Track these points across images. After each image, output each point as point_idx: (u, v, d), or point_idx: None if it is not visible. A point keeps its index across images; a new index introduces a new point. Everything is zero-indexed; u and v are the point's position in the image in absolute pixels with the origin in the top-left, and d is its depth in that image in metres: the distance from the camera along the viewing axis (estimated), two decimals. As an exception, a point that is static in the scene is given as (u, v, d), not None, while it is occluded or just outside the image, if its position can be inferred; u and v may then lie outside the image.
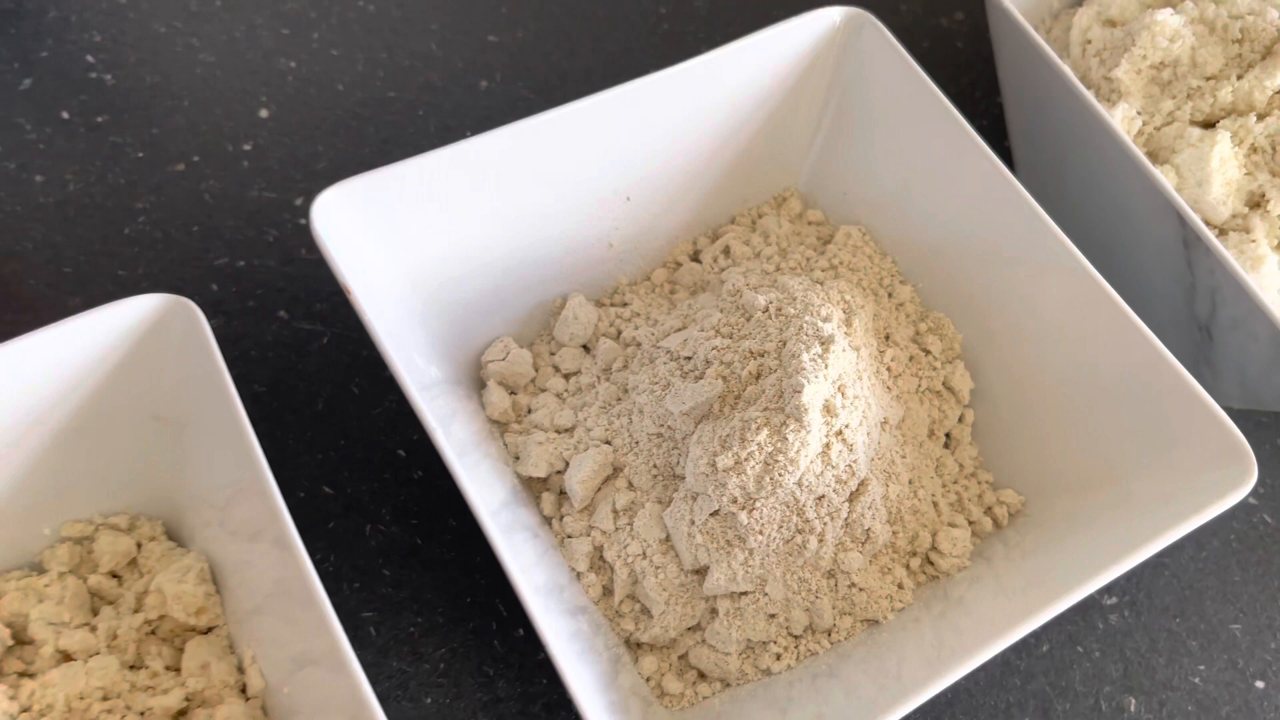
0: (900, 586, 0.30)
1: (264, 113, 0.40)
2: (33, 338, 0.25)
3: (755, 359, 0.29)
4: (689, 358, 0.30)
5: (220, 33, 0.41)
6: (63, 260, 0.36)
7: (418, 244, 0.30)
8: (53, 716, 0.25)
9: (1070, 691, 0.33)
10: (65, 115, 0.38)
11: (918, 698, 0.26)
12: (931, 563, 0.30)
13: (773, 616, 0.29)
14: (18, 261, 0.35)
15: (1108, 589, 0.34)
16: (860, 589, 0.29)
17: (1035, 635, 0.33)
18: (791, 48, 0.33)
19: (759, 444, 0.27)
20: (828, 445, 0.28)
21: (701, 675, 0.29)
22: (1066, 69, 0.33)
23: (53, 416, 0.26)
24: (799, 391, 0.27)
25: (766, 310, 0.30)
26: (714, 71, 0.33)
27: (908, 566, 0.30)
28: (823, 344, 0.28)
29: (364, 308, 0.26)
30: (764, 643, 0.29)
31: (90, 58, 0.40)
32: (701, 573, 0.29)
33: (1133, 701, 0.33)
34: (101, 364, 0.26)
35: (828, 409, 0.28)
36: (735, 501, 0.28)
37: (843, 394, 0.28)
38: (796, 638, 0.29)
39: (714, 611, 0.29)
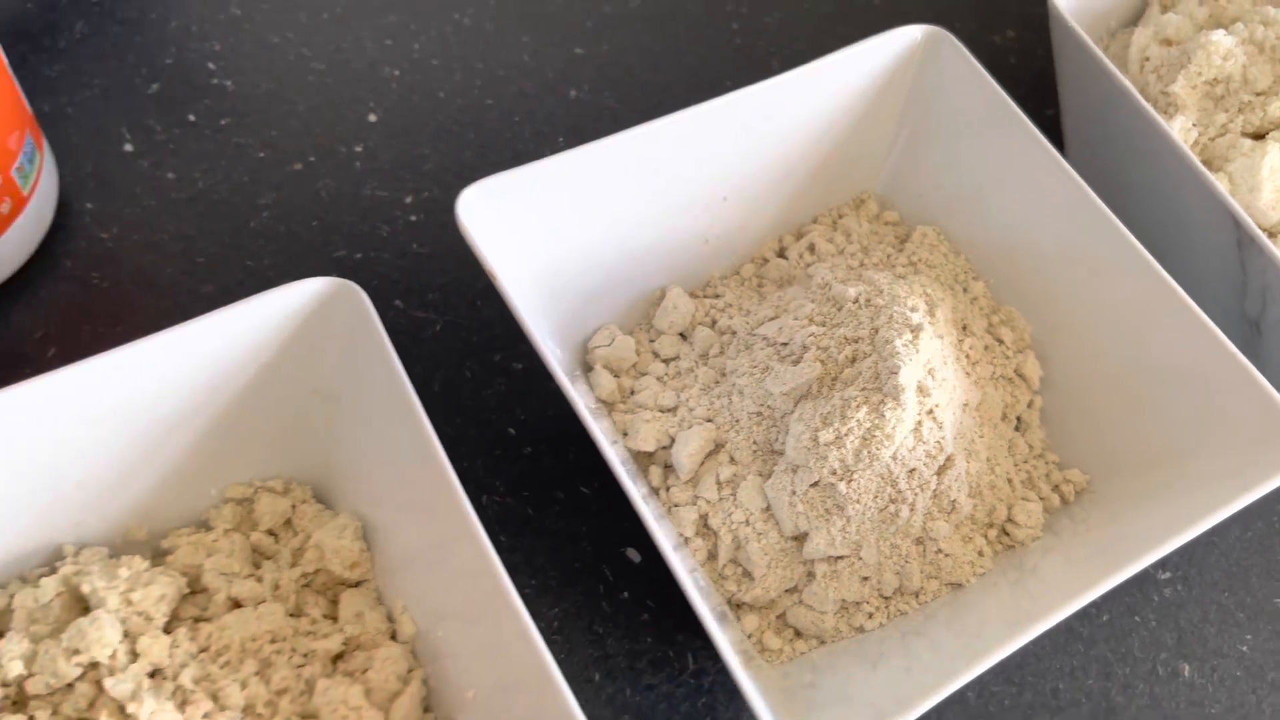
0: (980, 554, 0.32)
1: (372, 117, 0.43)
2: (213, 317, 0.28)
3: (850, 345, 0.32)
4: (785, 344, 0.33)
5: (329, 43, 0.44)
6: (195, 251, 0.39)
7: (543, 238, 0.33)
8: (229, 655, 0.28)
9: (1129, 657, 0.35)
10: (192, 118, 0.41)
11: (998, 654, 0.29)
12: (1007, 533, 0.33)
13: (866, 579, 0.31)
14: (155, 252, 0.38)
15: (1161, 564, 0.37)
16: (946, 555, 0.32)
17: (1095, 605, 0.36)
18: (874, 63, 0.36)
19: (858, 420, 0.30)
20: (919, 423, 0.31)
21: (798, 633, 0.32)
22: (1128, 83, 0.36)
23: (226, 389, 0.29)
24: (895, 373, 0.30)
25: (856, 301, 0.33)
26: (805, 84, 0.35)
27: (986, 537, 0.33)
28: (912, 331, 0.31)
29: (510, 292, 0.29)
30: (857, 603, 0.32)
31: (211, 65, 0.43)
32: (800, 539, 0.32)
33: (1186, 667, 0.36)
34: (271, 341, 0.29)
35: (921, 389, 0.30)
36: (835, 473, 0.30)
37: (932, 376, 0.31)
38: (887, 599, 0.32)
39: (811, 575, 0.32)
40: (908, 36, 0.36)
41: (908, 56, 0.37)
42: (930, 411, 0.31)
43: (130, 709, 0.25)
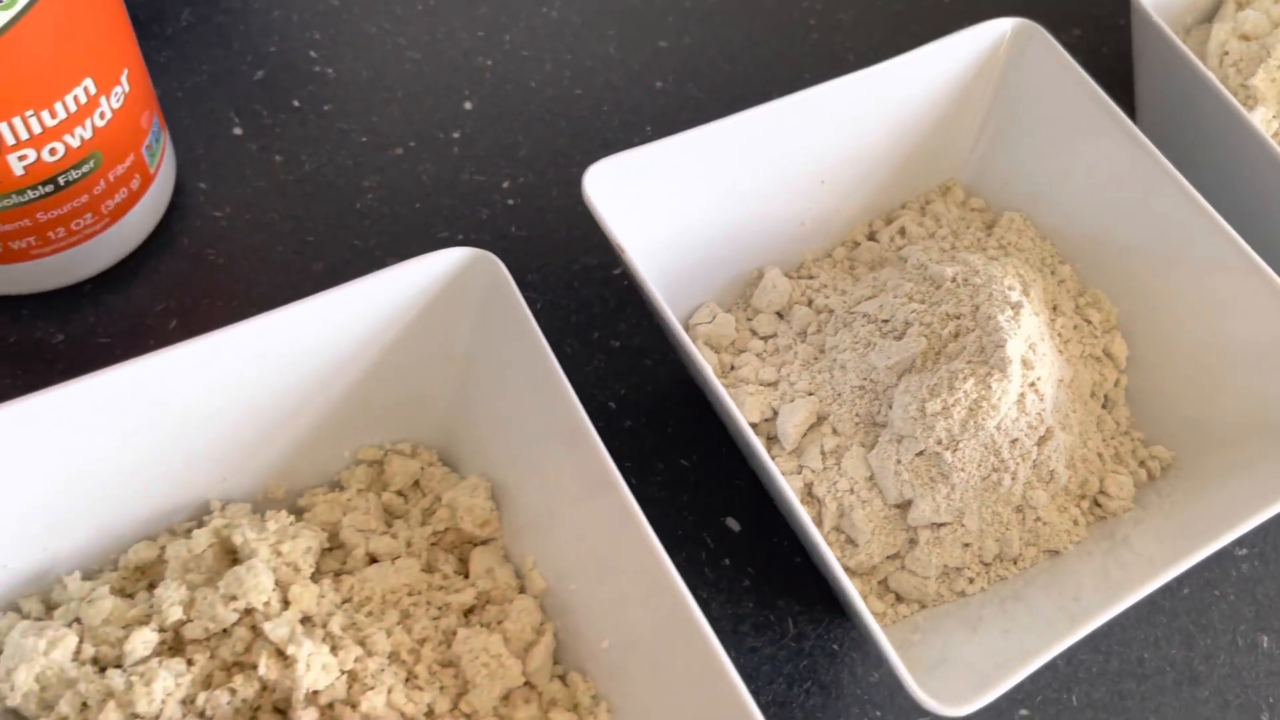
0: (1075, 523, 0.34)
1: (467, 105, 0.44)
2: (356, 285, 0.29)
3: (952, 321, 0.33)
4: (886, 320, 0.34)
5: (424, 33, 0.46)
6: (304, 230, 0.40)
7: (654, 216, 0.34)
8: (371, 606, 0.29)
9: (1210, 629, 0.37)
10: (296, 103, 0.43)
11: (1096, 621, 0.30)
12: (1099, 505, 0.34)
13: (967, 545, 0.33)
14: (266, 231, 0.40)
15: (1239, 541, 0.38)
16: (1044, 523, 0.33)
17: (1177, 580, 0.37)
18: (965, 55, 0.38)
19: (965, 392, 0.31)
20: (1022, 395, 0.32)
21: (899, 598, 0.33)
22: (1211, 75, 0.37)
23: (364, 355, 0.30)
24: (1002, 345, 0.31)
25: (954, 280, 0.34)
26: (900, 73, 0.37)
27: (1079, 507, 0.34)
28: (1013, 308, 0.32)
29: (637, 265, 0.31)
30: (958, 568, 0.33)
31: (312, 53, 0.44)
32: (904, 506, 0.33)
33: (1265, 639, 0.37)
34: (409, 309, 0.30)
35: (1025, 362, 0.32)
36: (941, 442, 0.32)
37: (1033, 350, 0.32)
38: (987, 565, 0.33)
39: (913, 541, 0.33)
40: (997, 30, 0.38)
41: (996, 49, 0.38)
42: (1033, 384, 0.32)
43: (290, 650, 0.26)
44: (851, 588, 0.27)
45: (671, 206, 0.35)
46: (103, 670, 0.27)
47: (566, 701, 0.29)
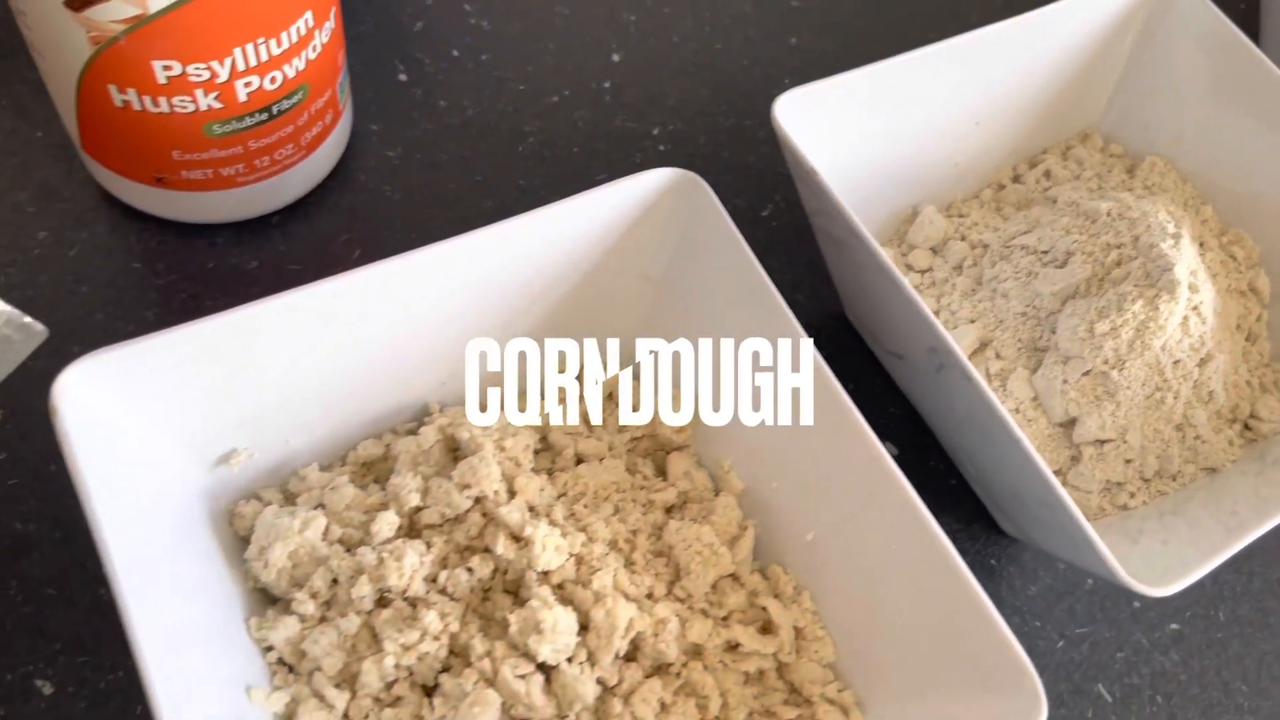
0: (1230, 444, 0.35)
1: (616, 57, 0.46)
2: (566, 204, 0.31)
3: (1114, 249, 0.35)
4: (1046, 251, 0.36)
5: (570, -11, 0.48)
6: (473, 171, 0.42)
7: (823, 150, 0.36)
8: (585, 500, 0.31)
9: (1348, 553, 0.38)
10: (455, 53, 0.45)
11: (1252, 533, 0.32)
12: (1249, 428, 0.36)
13: (1129, 461, 0.34)
14: (437, 170, 0.42)
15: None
16: (1203, 441, 0.35)
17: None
18: (1101, 11, 0.40)
19: (1134, 313, 0.33)
20: (1186, 318, 0.34)
21: (1061, 512, 0.35)
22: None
23: (568, 274, 0.32)
24: (1169, 269, 0.33)
25: (1109, 214, 0.36)
26: (1048, 23, 0.39)
27: (1232, 429, 0.36)
28: (1173, 237, 0.34)
29: (831, 189, 0.33)
30: (1120, 484, 0.35)
31: (467, 6, 0.46)
32: (1068, 425, 0.35)
33: (1400, 565, 0.38)
34: (613, 230, 0.32)
35: (1190, 286, 0.33)
36: (1107, 362, 0.33)
37: (1195, 276, 0.34)
38: (1147, 480, 0.35)
39: (1076, 458, 0.35)
40: (1134, -13, 0.39)
41: (1135, 4, 0.40)
42: (1195, 308, 0.34)
43: (527, 532, 0.28)
44: (1052, 479, 0.29)
45: (840, 141, 0.37)
46: (349, 550, 0.29)
47: (769, 592, 0.31)
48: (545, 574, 0.29)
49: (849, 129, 0.37)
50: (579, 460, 0.32)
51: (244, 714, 0.26)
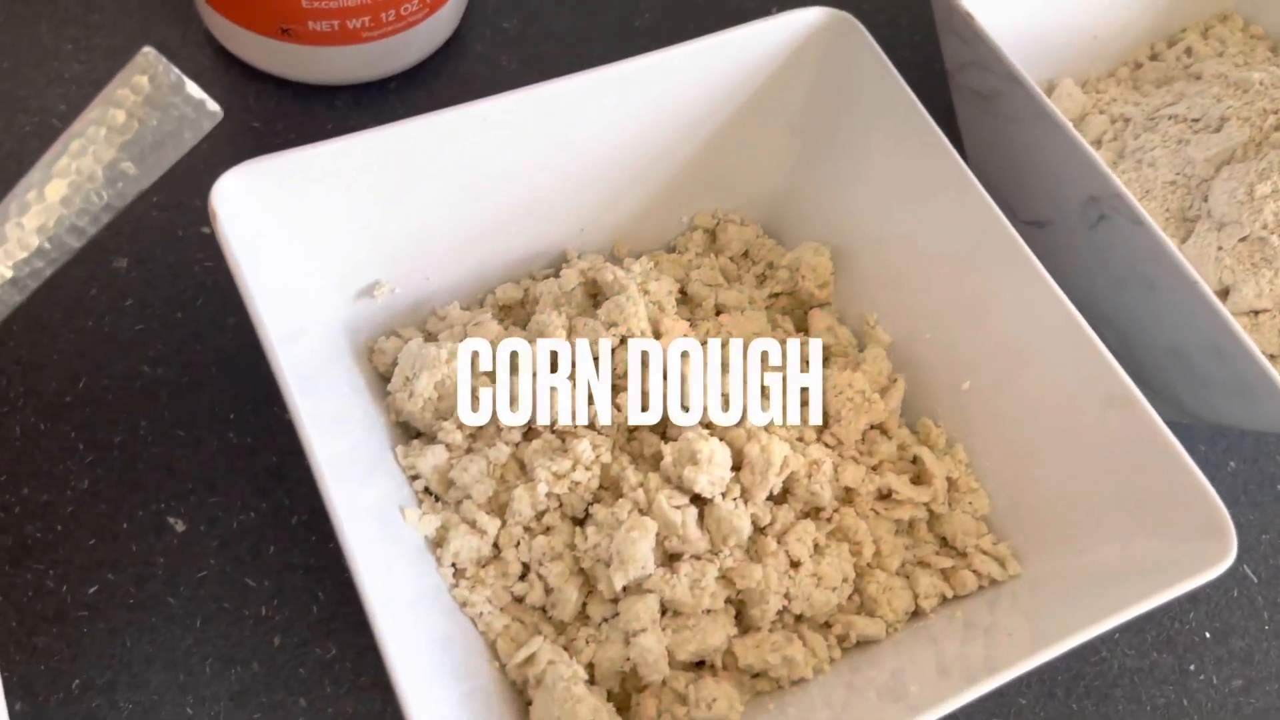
0: (1389, 319, 0.34)
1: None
2: (710, 39, 0.30)
3: (1271, 115, 0.33)
4: (1197, 119, 0.35)
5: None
6: (590, 42, 0.41)
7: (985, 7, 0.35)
8: (731, 345, 0.30)
9: None
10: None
11: None
12: (1407, 306, 0.35)
13: (1285, 332, 0.33)
14: (553, 41, 0.41)
15: None
16: (1363, 311, 0.33)
17: None
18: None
19: (1298, 173, 0.32)
20: (1351, 180, 0.32)
21: (1209, 386, 0.34)
22: None
23: (710, 118, 0.31)
24: (1338, 128, 0.32)
25: (1262, 84, 0.35)
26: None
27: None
28: (1335, 102, 0.33)
29: (988, 33, 0.31)
30: (1273, 356, 0.33)
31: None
32: (1221, 294, 0.33)
33: None
34: (758, 73, 0.31)
35: (1358, 147, 0.32)
36: (1266, 226, 0.32)
37: (1360, 140, 0.33)
38: (1303, 353, 0.33)
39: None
40: None
41: None
42: (1361, 171, 0.32)
43: (683, 370, 0.28)
44: (1229, 316, 0.28)
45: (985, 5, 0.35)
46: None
47: (919, 445, 0.30)
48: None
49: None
50: (718, 311, 0.31)
51: (399, 534, 0.26)
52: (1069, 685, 0.31)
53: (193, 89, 0.21)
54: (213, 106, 0.22)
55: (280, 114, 0.38)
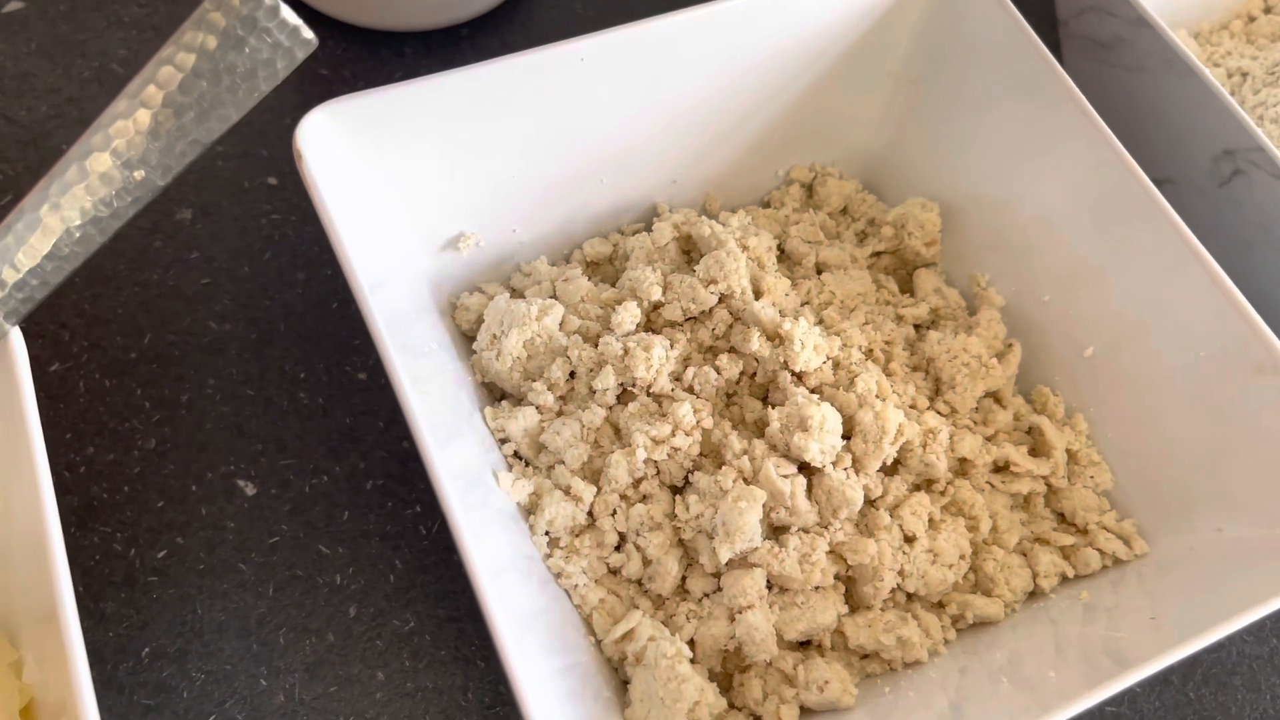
0: None
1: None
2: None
3: None
4: (1327, 72, 0.32)
5: None
6: (668, -8, 0.39)
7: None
8: (832, 306, 0.28)
9: None
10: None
11: None
12: None
13: None
14: None
15: None
16: None
17: None
18: None
19: None
20: None
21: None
22: None
23: (812, 66, 0.29)
24: None
25: (1399, 34, 0.32)
26: None
27: None
28: None
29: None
30: None
31: None
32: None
33: None
34: (863, 17, 0.29)
35: None
36: None
37: None
38: None
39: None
40: None
41: None
42: None
43: (786, 327, 0.26)
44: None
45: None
46: (587, 342, 0.26)
47: (1036, 414, 0.28)
48: (801, 376, 0.26)
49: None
50: (819, 270, 0.30)
51: (490, 499, 0.24)
52: (1185, 672, 0.30)
53: (288, 14, 0.20)
54: (308, 34, 0.20)
55: (348, 60, 0.36)
